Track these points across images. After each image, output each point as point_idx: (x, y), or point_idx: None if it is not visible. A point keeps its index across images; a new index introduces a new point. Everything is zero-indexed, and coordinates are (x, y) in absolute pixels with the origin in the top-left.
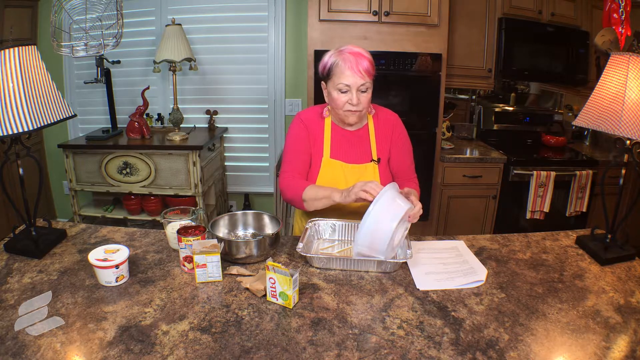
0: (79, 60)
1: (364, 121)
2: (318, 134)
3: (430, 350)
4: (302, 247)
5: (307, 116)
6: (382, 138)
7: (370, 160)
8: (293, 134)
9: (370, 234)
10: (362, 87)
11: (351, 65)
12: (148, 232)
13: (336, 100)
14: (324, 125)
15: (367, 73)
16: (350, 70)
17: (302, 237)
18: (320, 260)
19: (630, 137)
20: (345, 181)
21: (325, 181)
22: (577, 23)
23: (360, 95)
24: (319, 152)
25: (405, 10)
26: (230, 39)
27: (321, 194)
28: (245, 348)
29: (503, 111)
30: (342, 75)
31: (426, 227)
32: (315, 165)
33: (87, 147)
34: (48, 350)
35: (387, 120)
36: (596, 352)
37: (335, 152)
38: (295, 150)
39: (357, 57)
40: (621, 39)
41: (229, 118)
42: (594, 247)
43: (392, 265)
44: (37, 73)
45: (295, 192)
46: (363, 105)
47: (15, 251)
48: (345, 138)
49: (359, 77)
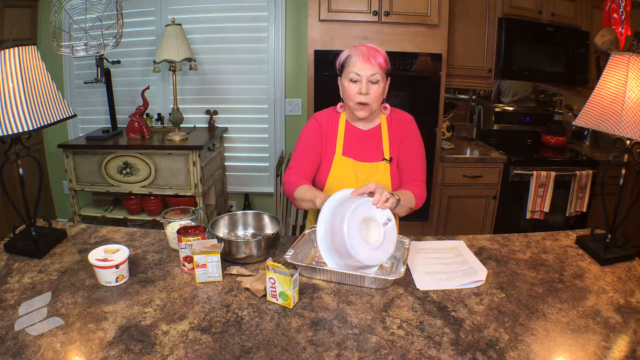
0: (79, 60)
1: (377, 120)
2: (332, 132)
3: (430, 350)
4: (291, 254)
5: (323, 116)
6: (395, 137)
7: (382, 159)
8: (306, 133)
9: (331, 245)
10: (372, 78)
11: (363, 55)
12: (148, 232)
13: (347, 90)
14: (338, 122)
15: (378, 65)
16: (361, 60)
17: (296, 243)
18: (306, 270)
19: (630, 137)
20: (355, 179)
21: (336, 178)
22: (577, 23)
23: (371, 87)
24: (331, 149)
25: (405, 10)
26: (230, 39)
27: (307, 196)
28: (245, 348)
29: (503, 111)
30: (354, 65)
31: (426, 227)
32: (327, 162)
33: (87, 147)
34: (48, 350)
35: (400, 120)
36: (596, 352)
37: (347, 150)
38: (305, 149)
39: (370, 50)
40: (621, 39)
41: (229, 118)
42: (594, 247)
43: (382, 282)
44: (37, 73)
45: (290, 189)
46: (373, 98)
47: (15, 251)
48: (358, 136)
49: (370, 67)
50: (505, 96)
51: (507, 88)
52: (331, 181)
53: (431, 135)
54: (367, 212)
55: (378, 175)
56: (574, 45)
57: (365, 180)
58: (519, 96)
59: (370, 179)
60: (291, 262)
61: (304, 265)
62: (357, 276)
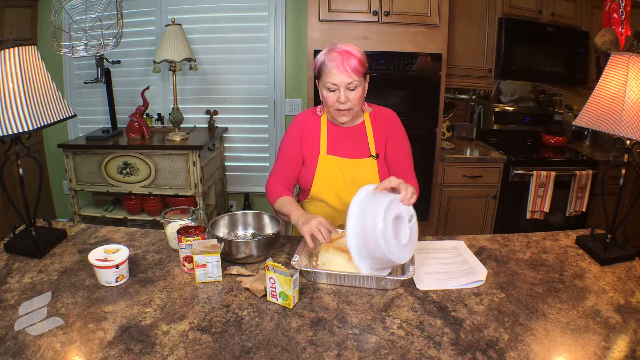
0: (79, 60)
1: (359, 118)
2: (314, 133)
3: (430, 350)
4: (297, 259)
5: (304, 117)
6: (379, 134)
7: (369, 155)
8: (287, 139)
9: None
10: (350, 86)
11: (337, 64)
12: (148, 232)
13: (326, 99)
14: (320, 123)
15: (354, 71)
16: (336, 69)
17: (300, 248)
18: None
19: (630, 137)
20: (343, 177)
21: (322, 177)
22: (577, 23)
23: (349, 94)
24: (315, 149)
25: (405, 10)
26: (230, 39)
27: (284, 211)
28: (245, 348)
29: (503, 111)
30: (329, 74)
31: (426, 227)
32: (312, 163)
33: (87, 147)
34: (48, 350)
35: (383, 116)
36: (596, 352)
37: (332, 148)
38: (286, 156)
39: (344, 56)
40: (621, 39)
41: (229, 118)
42: (594, 247)
43: (392, 283)
44: (37, 73)
45: (271, 199)
46: (352, 104)
47: (15, 251)
48: (342, 134)
49: (346, 76)
50: (504, 96)
51: (506, 88)
52: (318, 180)
53: (431, 135)
54: (396, 209)
55: (366, 172)
56: (574, 45)
57: (352, 177)
58: (518, 95)
59: (358, 175)
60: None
61: (314, 271)
62: (369, 278)
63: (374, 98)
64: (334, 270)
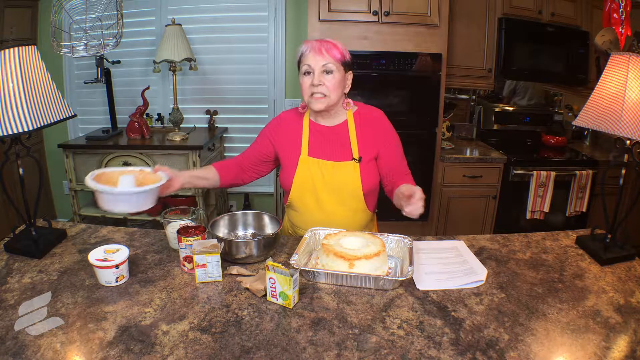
0: (79, 60)
1: (341, 116)
2: (295, 133)
3: (430, 350)
4: (296, 258)
5: (287, 115)
6: (365, 136)
7: (351, 158)
8: (260, 136)
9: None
10: (324, 68)
11: (313, 47)
12: (148, 232)
13: (302, 86)
14: (302, 123)
15: (331, 56)
16: (312, 52)
17: (299, 247)
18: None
19: (630, 137)
20: (323, 180)
21: (301, 179)
22: (577, 23)
23: (324, 77)
24: (296, 150)
25: (405, 10)
26: (230, 39)
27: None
28: (245, 348)
29: (503, 111)
30: (305, 58)
31: (426, 227)
32: (291, 164)
33: (87, 147)
34: (48, 350)
35: (370, 118)
36: (596, 352)
37: (313, 150)
38: (254, 150)
39: (323, 42)
40: (621, 39)
41: (229, 118)
42: (594, 247)
43: (390, 283)
44: (37, 73)
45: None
46: (328, 89)
47: (15, 251)
48: (323, 135)
49: (320, 58)
50: (519, 97)
51: (523, 90)
52: (297, 182)
53: (431, 135)
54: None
55: (347, 175)
56: (574, 45)
57: (332, 179)
58: (535, 100)
59: (338, 178)
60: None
61: (314, 271)
62: (367, 278)
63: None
64: (334, 270)
